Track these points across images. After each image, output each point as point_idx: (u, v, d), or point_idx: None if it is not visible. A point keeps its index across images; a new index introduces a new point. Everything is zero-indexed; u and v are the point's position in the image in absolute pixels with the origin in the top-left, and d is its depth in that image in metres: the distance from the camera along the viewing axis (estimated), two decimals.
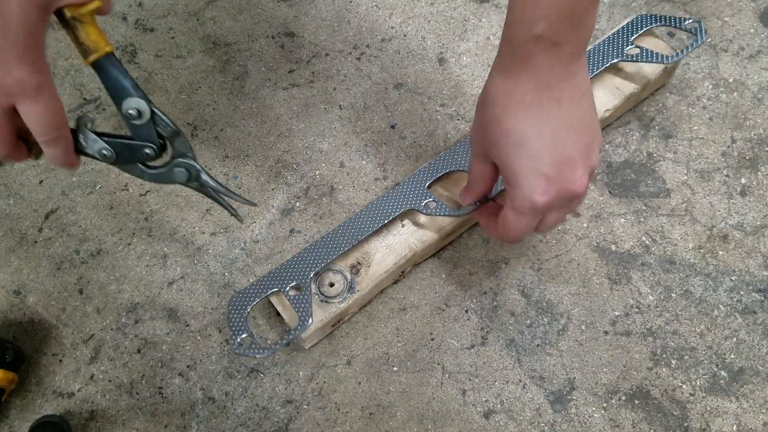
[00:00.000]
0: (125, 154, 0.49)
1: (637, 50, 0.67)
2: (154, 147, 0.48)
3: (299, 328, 0.56)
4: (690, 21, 0.67)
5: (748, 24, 0.76)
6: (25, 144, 0.47)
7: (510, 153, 0.46)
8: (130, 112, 0.46)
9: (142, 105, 0.46)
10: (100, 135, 0.48)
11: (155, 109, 0.47)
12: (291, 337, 0.57)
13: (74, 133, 0.48)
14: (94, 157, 0.49)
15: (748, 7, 0.77)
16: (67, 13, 0.42)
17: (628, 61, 0.67)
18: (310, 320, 0.57)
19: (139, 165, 0.50)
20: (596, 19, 0.76)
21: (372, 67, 0.75)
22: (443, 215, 0.61)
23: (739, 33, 0.75)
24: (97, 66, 0.45)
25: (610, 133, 0.71)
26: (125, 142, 0.48)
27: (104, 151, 0.48)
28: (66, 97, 0.75)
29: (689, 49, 0.66)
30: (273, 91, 0.74)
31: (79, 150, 0.48)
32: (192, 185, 0.52)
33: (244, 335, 0.56)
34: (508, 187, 0.48)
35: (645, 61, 0.66)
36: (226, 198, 0.53)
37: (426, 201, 0.62)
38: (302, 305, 0.57)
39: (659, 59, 0.66)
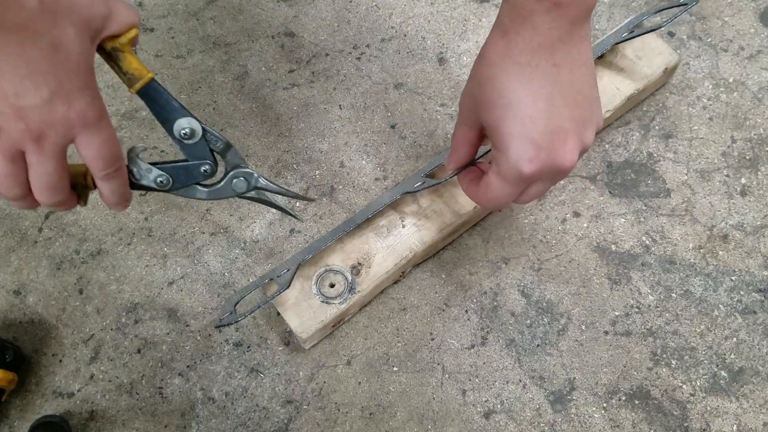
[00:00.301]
0: (181, 177, 0.48)
1: (632, 33, 0.68)
2: (211, 163, 0.48)
3: (275, 294, 0.59)
4: None
5: (748, 24, 0.76)
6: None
7: (500, 115, 0.44)
8: (184, 132, 0.46)
9: (194, 123, 0.46)
10: (152, 164, 0.47)
11: (205, 126, 0.46)
12: (266, 301, 0.59)
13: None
14: (149, 188, 0.48)
15: (748, 7, 0.77)
16: (107, 45, 0.42)
17: (625, 40, 0.68)
18: (288, 286, 0.59)
19: (196, 186, 0.49)
20: (596, 19, 0.76)
21: (372, 67, 0.75)
22: (428, 187, 0.62)
23: (739, 33, 0.75)
24: (142, 93, 0.44)
25: (610, 133, 0.71)
26: (180, 165, 0.47)
27: (160, 179, 0.47)
28: None
29: (681, 11, 0.68)
30: (273, 91, 0.74)
31: (133, 183, 0.47)
32: (249, 195, 0.51)
33: (228, 314, 0.58)
34: (495, 152, 0.46)
35: (641, 35, 0.67)
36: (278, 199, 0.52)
37: (417, 184, 0.62)
38: (284, 280, 0.59)
39: (654, 29, 0.67)
